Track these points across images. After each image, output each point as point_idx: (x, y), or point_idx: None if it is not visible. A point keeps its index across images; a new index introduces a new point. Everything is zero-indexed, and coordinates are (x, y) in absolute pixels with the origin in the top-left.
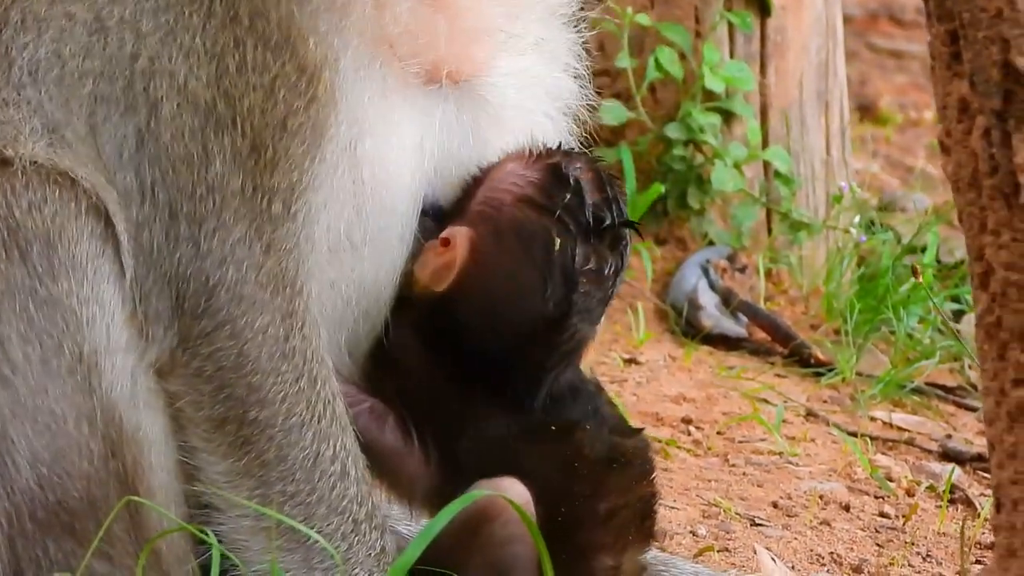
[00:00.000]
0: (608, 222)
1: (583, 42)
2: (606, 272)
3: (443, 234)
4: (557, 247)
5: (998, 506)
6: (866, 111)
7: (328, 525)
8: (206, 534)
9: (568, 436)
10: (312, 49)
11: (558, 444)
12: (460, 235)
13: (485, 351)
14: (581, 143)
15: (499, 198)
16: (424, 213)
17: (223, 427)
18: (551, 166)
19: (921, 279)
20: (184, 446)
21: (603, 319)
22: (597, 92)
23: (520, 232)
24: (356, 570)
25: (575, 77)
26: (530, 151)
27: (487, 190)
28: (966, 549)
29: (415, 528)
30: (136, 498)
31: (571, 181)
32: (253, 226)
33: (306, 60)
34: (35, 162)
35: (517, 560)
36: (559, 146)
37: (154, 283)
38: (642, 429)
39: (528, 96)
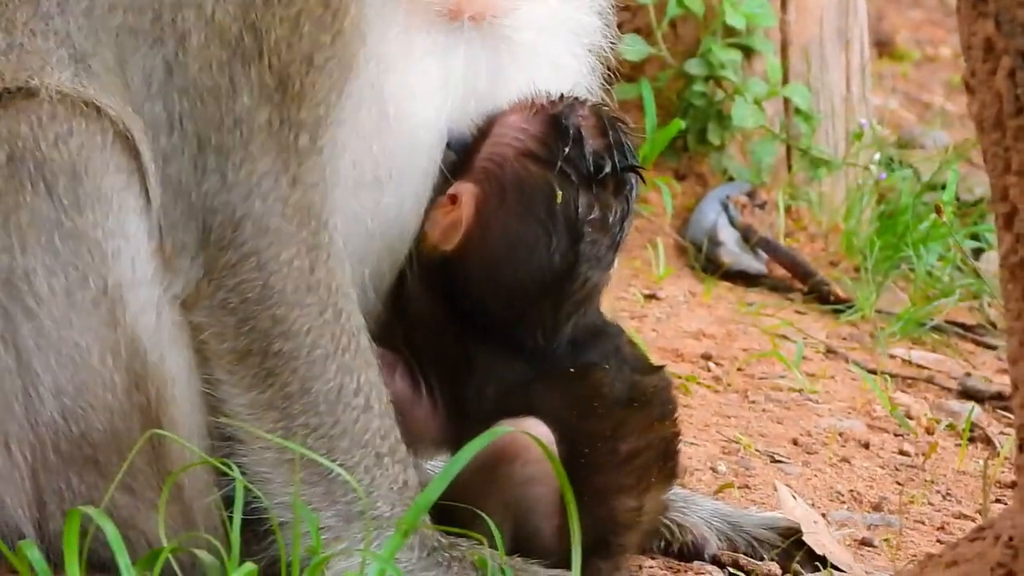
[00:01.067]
0: (609, 168)
1: None
2: (611, 219)
3: (450, 191)
4: (559, 200)
5: (1021, 446)
6: (883, 47)
7: (351, 458)
8: (229, 467)
9: (586, 377)
10: None
11: (576, 385)
12: (466, 193)
13: (497, 306)
14: (603, 80)
15: (501, 153)
16: (448, 147)
17: (247, 359)
18: (551, 117)
19: (944, 218)
20: (208, 379)
21: (618, 258)
22: (618, 27)
23: (522, 188)
24: (379, 503)
25: (598, 13)
26: (532, 101)
27: (491, 144)
28: (984, 488)
29: (436, 466)
30: (160, 431)
31: (571, 131)
32: (280, 159)
33: None
34: (61, 92)
35: (538, 501)
36: (561, 94)
37: (180, 214)
38: (663, 367)
39: (551, 34)
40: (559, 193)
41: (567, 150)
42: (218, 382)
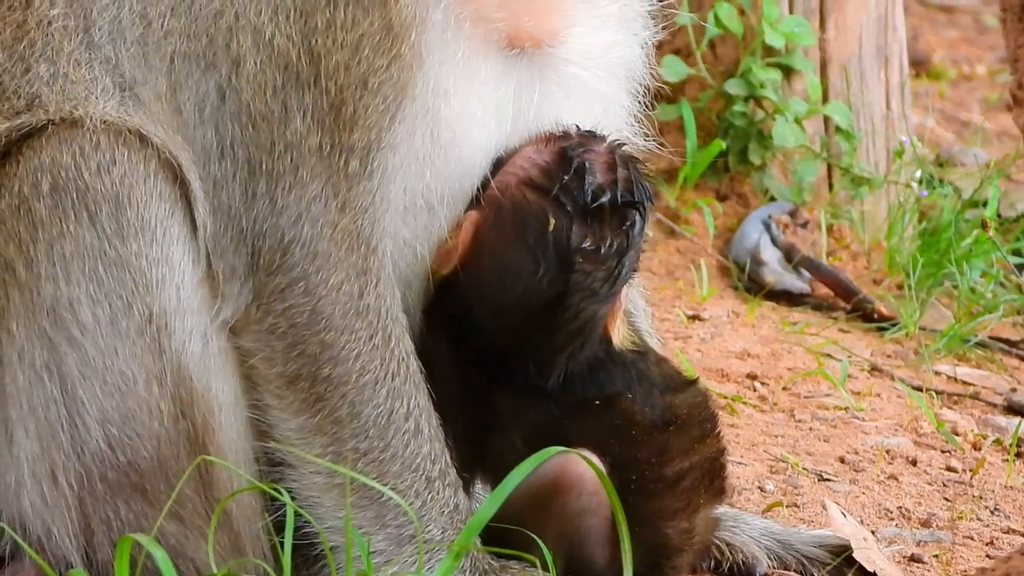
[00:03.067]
0: (608, 200)
1: (651, 6)
2: (605, 251)
3: (460, 219)
4: (551, 227)
5: None
6: (919, 66)
7: (402, 482)
8: (280, 492)
9: (613, 407)
10: (401, 8)
11: (606, 415)
12: (467, 220)
13: (491, 333)
14: (643, 104)
15: (506, 181)
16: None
17: (296, 384)
18: (560, 149)
19: (991, 231)
20: (257, 404)
21: (627, 291)
22: (657, 48)
23: (517, 214)
24: (430, 527)
25: (641, 45)
26: (551, 134)
27: (501, 174)
28: None
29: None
30: (209, 457)
31: (574, 162)
32: (330, 183)
33: (394, 19)
34: (105, 121)
35: (591, 531)
36: (581, 129)
37: (230, 240)
38: (696, 379)
39: (597, 64)
40: (552, 221)
41: (566, 179)
42: (267, 407)
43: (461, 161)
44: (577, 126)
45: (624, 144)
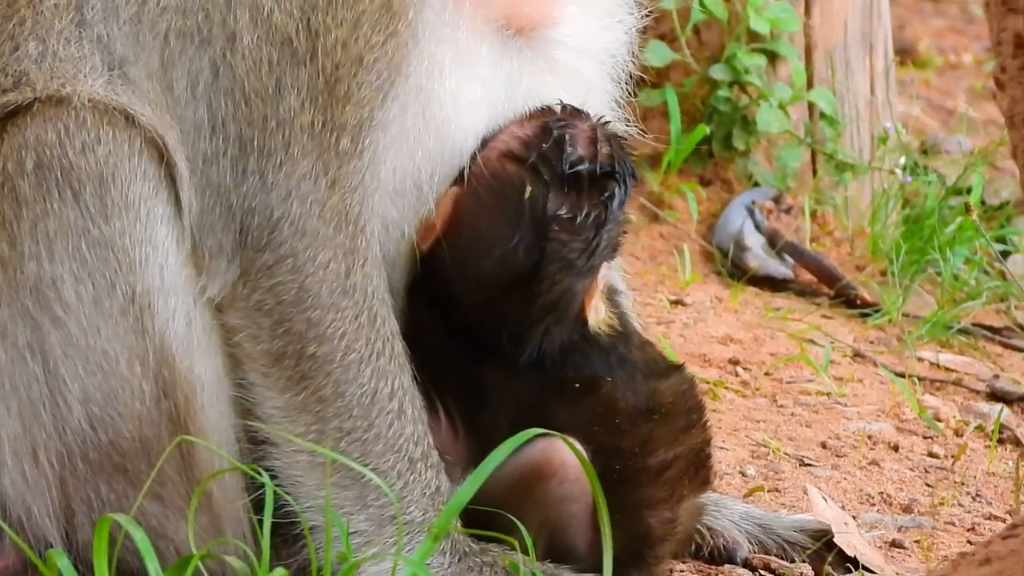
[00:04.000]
0: (586, 171)
1: None
2: (581, 221)
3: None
4: (527, 195)
5: None
6: (905, 54)
7: (384, 463)
8: (259, 473)
9: (595, 391)
10: None
11: (589, 401)
12: (448, 194)
13: (469, 305)
14: (627, 89)
15: (487, 155)
16: None
17: (281, 362)
18: (542, 123)
19: (974, 215)
20: (241, 382)
21: (605, 272)
22: (642, 34)
23: (495, 184)
24: (411, 508)
25: (626, 32)
26: (535, 111)
27: (484, 149)
28: (1016, 488)
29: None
30: (189, 437)
31: (554, 133)
32: (320, 161)
33: None
34: (92, 100)
35: (573, 518)
36: (565, 105)
37: (218, 216)
38: (682, 365)
39: (586, 49)
40: (528, 188)
41: (544, 148)
42: (252, 385)
43: (451, 142)
44: (562, 102)
45: (609, 122)
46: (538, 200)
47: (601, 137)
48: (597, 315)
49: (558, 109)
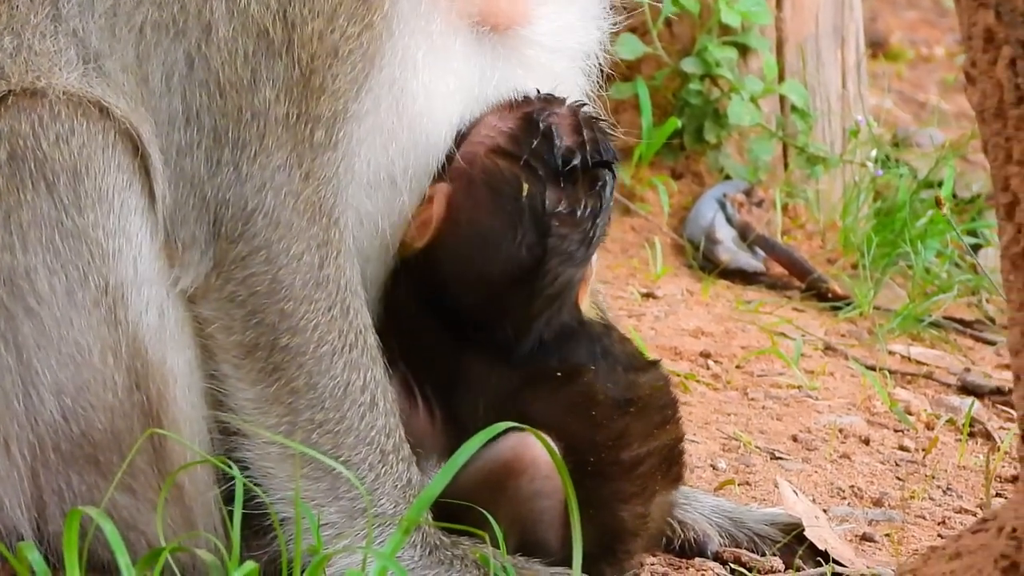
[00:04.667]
0: (579, 163)
1: None
2: (580, 214)
3: (427, 191)
4: (525, 193)
5: (1023, 437)
6: (877, 47)
7: (356, 455)
8: (229, 466)
9: (576, 380)
10: None
11: (568, 390)
12: (439, 192)
13: (469, 302)
14: (598, 82)
15: (473, 151)
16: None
17: (254, 353)
18: (524, 114)
19: (945, 209)
20: (214, 373)
21: (596, 256)
22: (613, 27)
23: (490, 182)
24: (382, 500)
25: (599, 30)
26: (512, 102)
27: (466, 144)
28: (986, 482)
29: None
30: (159, 430)
31: (541, 126)
32: (294, 153)
33: None
34: (67, 92)
35: (544, 514)
36: (541, 93)
37: (192, 207)
38: (658, 361)
39: (560, 48)
40: (525, 186)
41: (535, 144)
42: (224, 377)
43: (425, 135)
44: (537, 90)
45: (584, 104)
46: (536, 198)
47: (583, 123)
48: (586, 303)
49: (535, 97)
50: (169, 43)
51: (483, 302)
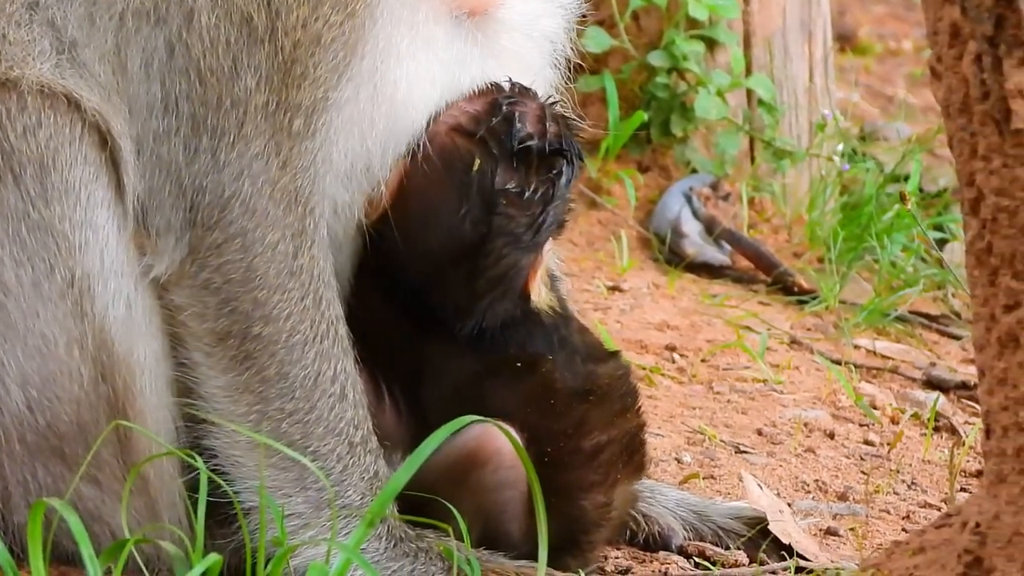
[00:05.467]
0: (535, 147)
1: None
2: (528, 196)
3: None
4: (476, 168)
5: (988, 432)
6: (845, 41)
7: (324, 445)
8: (194, 457)
9: (535, 370)
10: None
11: (527, 380)
12: (395, 167)
13: (412, 273)
14: (565, 75)
15: (436, 130)
16: None
17: (226, 341)
18: (492, 99)
19: (909, 204)
20: (184, 361)
21: (550, 248)
22: (580, 20)
23: (444, 156)
24: (349, 492)
25: (565, 17)
26: (484, 88)
27: (432, 124)
28: (951, 476)
29: None
30: (124, 422)
31: (503, 108)
32: (272, 141)
33: None
34: (39, 83)
35: (507, 505)
36: (515, 84)
37: (168, 194)
38: (618, 352)
39: (529, 34)
40: (477, 162)
41: (493, 123)
42: (194, 364)
43: (403, 124)
44: (511, 80)
45: (556, 102)
46: (487, 174)
47: (549, 116)
48: (540, 293)
49: (507, 86)
50: (150, 30)
51: (428, 277)
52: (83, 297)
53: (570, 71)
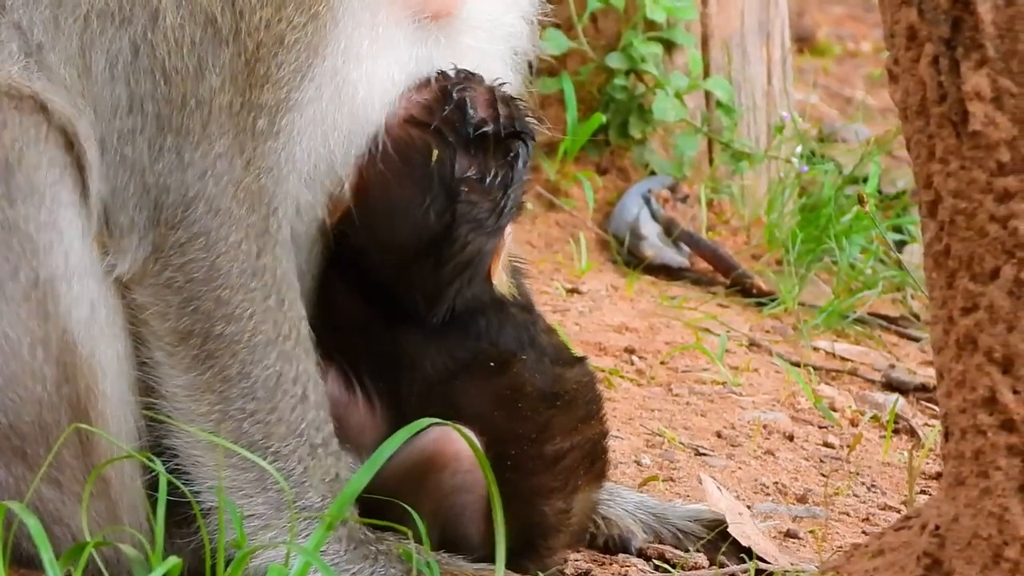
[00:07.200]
0: (491, 131)
1: None
2: (489, 181)
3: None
4: (435, 158)
5: (947, 435)
6: (804, 42)
7: (286, 446)
8: (153, 461)
9: (506, 369)
10: None
11: (497, 379)
12: (352, 166)
13: (380, 268)
14: (525, 76)
15: (388, 123)
16: None
17: (188, 340)
18: (441, 87)
19: (867, 207)
20: (147, 361)
21: (510, 232)
22: (539, 21)
23: (400, 150)
24: (310, 493)
25: (525, 20)
26: (429, 78)
27: (385, 118)
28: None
29: None
30: (84, 425)
31: (455, 95)
32: (236, 141)
33: None
34: (7, 85)
35: (465, 508)
36: (460, 71)
37: (132, 193)
38: (584, 358)
39: (491, 37)
40: (435, 152)
41: (447, 112)
42: (156, 364)
43: (366, 125)
44: (455, 66)
45: (504, 83)
46: (446, 163)
47: (499, 99)
48: (502, 277)
49: (452, 73)
50: (115, 31)
51: (395, 270)
52: (47, 298)
53: (531, 72)
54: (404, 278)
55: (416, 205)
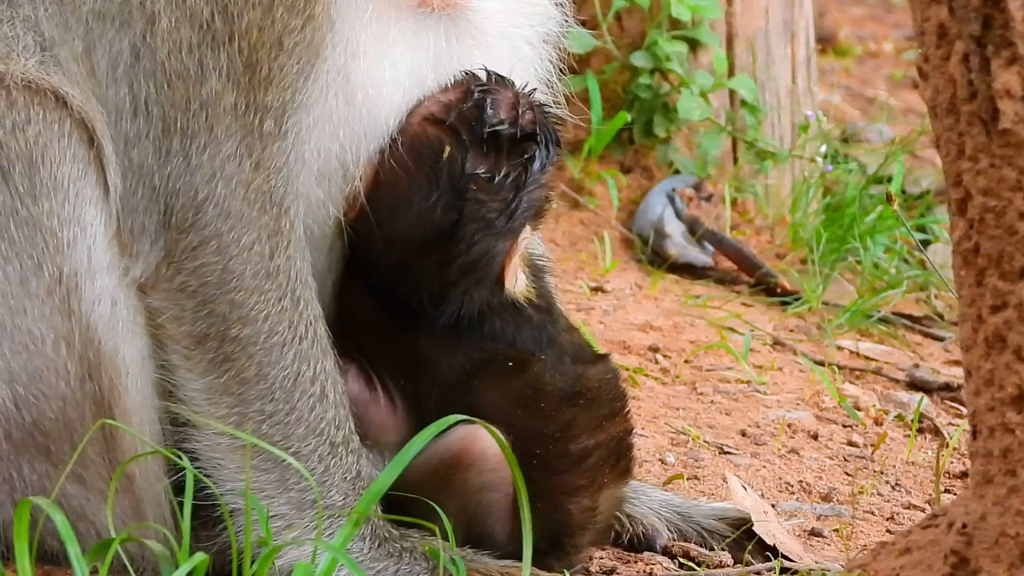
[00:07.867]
0: (506, 132)
1: None
2: (499, 181)
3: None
4: (446, 154)
5: (974, 433)
6: (825, 43)
7: (306, 446)
8: (180, 457)
9: (525, 369)
10: None
11: (517, 380)
12: (368, 163)
13: (387, 261)
14: (557, 68)
15: (409, 121)
16: None
17: (204, 344)
18: (465, 88)
19: (895, 205)
20: (164, 364)
21: (527, 237)
22: (563, 19)
23: (414, 145)
24: (332, 492)
25: (556, 3)
26: (457, 78)
27: (406, 115)
28: (935, 477)
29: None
30: (110, 421)
31: (476, 97)
32: (244, 143)
33: None
34: (25, 80)
35: (492, 506)
36: (491, 73)
37: (142, 197)
38: (607, 355)
39: (512, 23)
40: (447, 148)
41: (464, 109)
42: (174, 367)
43: (375, 121)
44: (487, 69)
45: (534, 90)
46: (456, 159)
47: (523, 103)
48: (516, 281)
49: (483, 75)
50: (114, 33)
51: (403, 266)
52: (70, 294)
53: (555, 69)
54: (411, 274)
55: (424, 199)
